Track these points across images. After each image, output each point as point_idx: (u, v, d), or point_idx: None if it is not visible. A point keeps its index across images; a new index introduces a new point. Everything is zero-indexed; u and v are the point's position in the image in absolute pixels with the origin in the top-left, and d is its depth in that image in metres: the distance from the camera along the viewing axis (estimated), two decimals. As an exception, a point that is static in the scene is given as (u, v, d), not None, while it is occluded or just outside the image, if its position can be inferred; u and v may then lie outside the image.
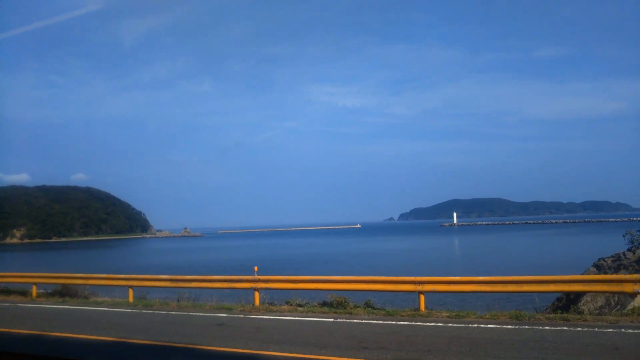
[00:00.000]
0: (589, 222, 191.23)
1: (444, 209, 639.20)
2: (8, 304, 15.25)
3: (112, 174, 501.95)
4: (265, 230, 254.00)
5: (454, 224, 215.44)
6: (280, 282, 14.15)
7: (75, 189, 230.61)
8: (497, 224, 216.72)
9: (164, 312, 13.31)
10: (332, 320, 11.11)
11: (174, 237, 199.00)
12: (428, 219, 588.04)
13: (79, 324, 11.66)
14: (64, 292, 15.41)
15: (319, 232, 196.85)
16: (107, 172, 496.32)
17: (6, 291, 16.86)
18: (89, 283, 15.94)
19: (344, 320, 11.08)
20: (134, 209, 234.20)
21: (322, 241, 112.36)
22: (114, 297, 15.85)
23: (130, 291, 15.23)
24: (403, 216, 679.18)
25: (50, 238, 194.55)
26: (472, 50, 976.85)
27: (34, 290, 16.16)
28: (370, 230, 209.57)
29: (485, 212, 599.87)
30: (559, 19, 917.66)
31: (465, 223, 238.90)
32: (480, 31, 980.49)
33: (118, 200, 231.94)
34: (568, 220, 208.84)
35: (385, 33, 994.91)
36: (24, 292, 16.60)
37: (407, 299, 14.37)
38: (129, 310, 13.75)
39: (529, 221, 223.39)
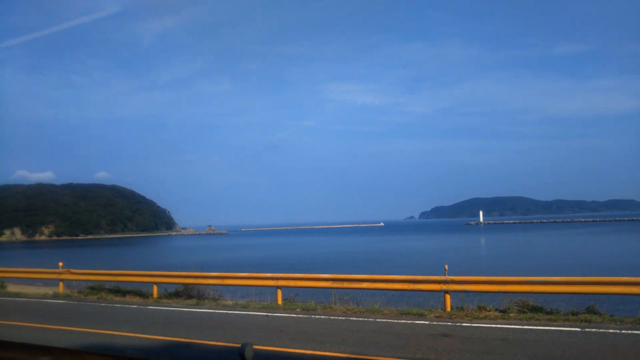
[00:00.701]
0: (619, 220, 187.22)
1: (465, 207, 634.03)
2: (136, 306, 14.22)
3: (133, 173, 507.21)
4: (288, 228, 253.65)
5: (480, 223, 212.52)
6: (476, 284, 12.26)
7: (100, 186, 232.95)
8: (525, 222, 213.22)
9: (342, 317, 11.51)
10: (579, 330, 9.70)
11: (199, 234, 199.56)
12: (449, 217, 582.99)
13: (265, 333, 10.04)
14: (188, 293, 14.38)
15: (343, 231, 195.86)
16: (128, 171, 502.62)
17: (118, 291, 15.87)
18: (225, 283, 14.38)
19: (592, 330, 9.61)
20: (158, 206, 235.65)
21: (353, 239, 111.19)
22: (259, 300, 14.29)
23: (279, 292, 13.84)
24: (424, 215, 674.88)
25: (78, 235, 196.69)
26: (489, 48, 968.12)
27: (155, 290, 15.10)
28: (394, 228, 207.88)
29: (507, 210, 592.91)
30: (579, 14, 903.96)
31: (491, 221, 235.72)
32: (497, 28, 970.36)
33: (143, 198, 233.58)
34: (598, 219, 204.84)
35: (402, 31, 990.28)
36: (140, 293, 15.56)
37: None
38: (296, 316, 11.91)
39: (557, 220, 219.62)
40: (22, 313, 13.36)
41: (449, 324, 10.47)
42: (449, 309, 11.88)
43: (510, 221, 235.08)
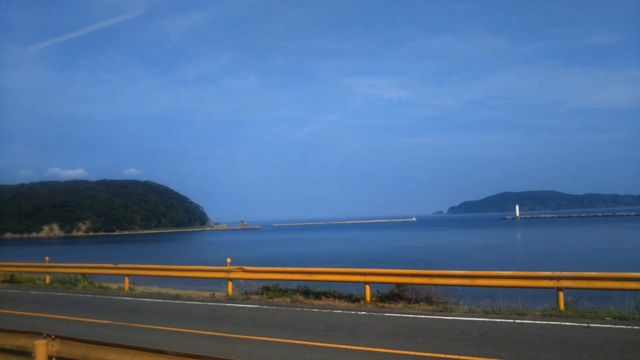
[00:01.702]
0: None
1: (494, 202, 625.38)
2: (378, 314, 11.60)
3: (162, 169, 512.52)
4: (319, 223, 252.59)
5: (517, 217, 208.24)
6: (595, 280, 11.05)
7: (134, 182, 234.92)
8: (563, 216, 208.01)
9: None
10: None
11: (233, 230, 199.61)
12: (478, 212, 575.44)
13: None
14: (402, 294, 12.27)
15: (376, 226, 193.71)
16: (157, 166, 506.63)
17: (307, 292, 13.84)
18: (435, 282, 12.15)
19: None
20: (191, 202, 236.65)
21: (396, 234, 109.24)
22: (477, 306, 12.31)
23: None
24: (452, 209, 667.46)
25: (113, 231, 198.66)
26: (518, 39, 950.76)
27: (367, 291, 12.90)
28: (428, 223, 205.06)
29: (538, 205, 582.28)
30: (610, 3, 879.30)
31: (528, 216, 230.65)
32: (527, 19, 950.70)
33: (176, 194, 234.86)
34: (637, 213, 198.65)
35: (429, 24, 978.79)
36: (341, 295, 13.49)
37: None
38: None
39: (596, 214, 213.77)
40: (232, 322, 11.14)
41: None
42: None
43: (548, 215, 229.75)
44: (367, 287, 12.99)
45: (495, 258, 41.72)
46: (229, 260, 15.63)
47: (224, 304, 13.73)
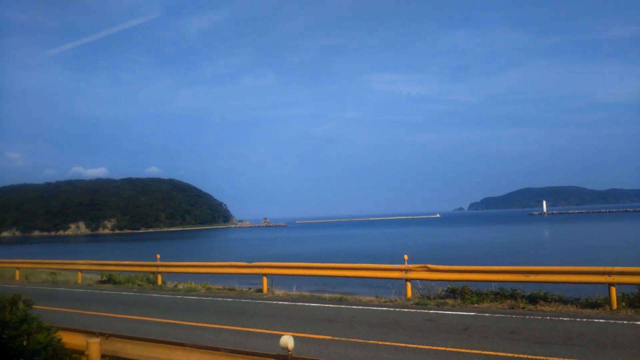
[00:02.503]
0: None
1: (516, 197, 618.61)
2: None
3: (183, 167, 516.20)
4: (342, 220, 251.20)
5: (544, 213, 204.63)
6: None
7: (158, 180, 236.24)
8: (592, 212, 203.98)
9: None
10: None
11: (257, 227, 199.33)
12: (500, 208, 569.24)
13: None
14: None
15: (401, 222, 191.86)
16: (177, 165, 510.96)
17: (527, 297, 11.82)
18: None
19: None
20: (215, 200, 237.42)
21: (425, 231, 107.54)
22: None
23: (613, 290, 11.07)
24: (473, 206, 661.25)
25: (139, 229, 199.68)
26: (538, 33, 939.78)
27: (614, 294, 11.14)
28: (453, 220, 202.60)
29: (560, 200, 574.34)
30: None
31: (555, 211, 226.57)
32: (547, 12, 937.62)
33: (199, 191, 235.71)
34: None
35: (447, 18, 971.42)
36: (551, 298, 11.68)
37: None
38: None
39: (627, 209, 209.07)
40: (479, 336, 9.09)
41: None
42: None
43: (576, 211, 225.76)
44: (613, 290, 11.22)
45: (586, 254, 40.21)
46: (406, 257, 13.92)
47: (426, 311, 11.50)
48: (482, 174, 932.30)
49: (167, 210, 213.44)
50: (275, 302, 13.65)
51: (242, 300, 14.28)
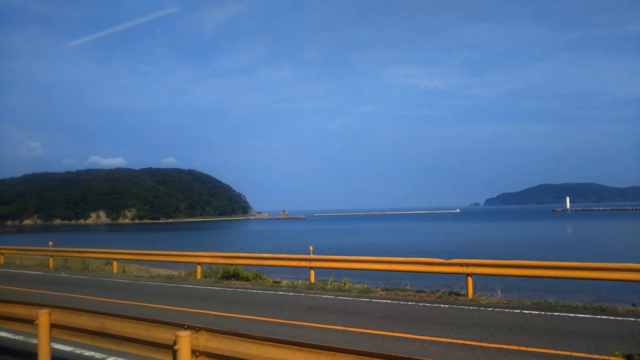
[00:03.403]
0: None
1: (533, 193, 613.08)
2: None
3: (199, 159, 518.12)
4: (361, 213, 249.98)
5: (567, 209, 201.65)
6: None
7: (178, 171, 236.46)
8: (617, 209, 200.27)
9: None
10: None
11: (277, 219, 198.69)
12: (516, 204, 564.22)
13: None
14: None
15: (421, 217, 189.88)
16: (194, 156, 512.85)
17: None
18: None
19: None
20: (234, 191, 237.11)
21: (449, 226, 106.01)
22: None
23: None
24: (489, 201, 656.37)
25: (159, 219, 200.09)
26: (560, 28, 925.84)
27: None
28: (473, 215, 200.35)
29: (578, 197, 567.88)
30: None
31: (579, 208, 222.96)
32: (569, 6, 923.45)
33: (219, 182, 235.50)
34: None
35: (467, 12, 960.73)
36: None
37: None
38: None
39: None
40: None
41: None
42: None
43: (600, 208, 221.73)
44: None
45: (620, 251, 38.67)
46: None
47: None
48: (499, 170, 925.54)
49: (186, 200, 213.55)
50: (482, 308, 10.62)
51: (446, 305, 10.98)
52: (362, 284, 14.45)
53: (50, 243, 23.83)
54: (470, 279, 12.17)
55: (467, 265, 12.32)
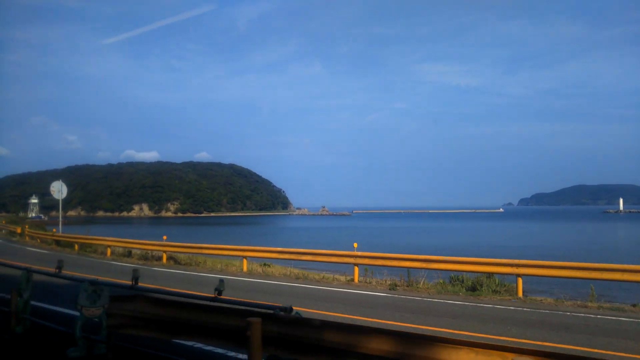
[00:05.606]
0: None
1: (568, 194, 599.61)
2: None
3: (232, 154, 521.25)
4: (402, 211, 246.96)
5: (620, 211, 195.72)
6: None
7: (219, 165, 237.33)
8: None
9: None
10: None
11: (318, 215, 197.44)
12: (551, 204, 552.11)
13: None
14: None
15: (466, 216, 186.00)
16: (226, 151, 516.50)
17: None
18: None
19: None
20: (274, 186, 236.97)
21: (504, 226, 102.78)
22: None
23: None
24: (523, 201, 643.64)
25: (201, 213, 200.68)
26: (597, 24, 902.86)
27: None
28: (519, 215, 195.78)
29: (615, 199, 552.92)
30: None
31: (634, 210, 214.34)
32: (605, 2, 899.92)
33: (260, 177, 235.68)
34: None
35: (502, 9, 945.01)
36: None
37: None
38: None
39: None
40: None
41: None
42: None
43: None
44: None
45: None
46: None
47: None
48: (533, 169, 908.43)
49: (228, 195, 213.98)
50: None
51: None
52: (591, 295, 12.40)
53: (165, 237, 22.07)
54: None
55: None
